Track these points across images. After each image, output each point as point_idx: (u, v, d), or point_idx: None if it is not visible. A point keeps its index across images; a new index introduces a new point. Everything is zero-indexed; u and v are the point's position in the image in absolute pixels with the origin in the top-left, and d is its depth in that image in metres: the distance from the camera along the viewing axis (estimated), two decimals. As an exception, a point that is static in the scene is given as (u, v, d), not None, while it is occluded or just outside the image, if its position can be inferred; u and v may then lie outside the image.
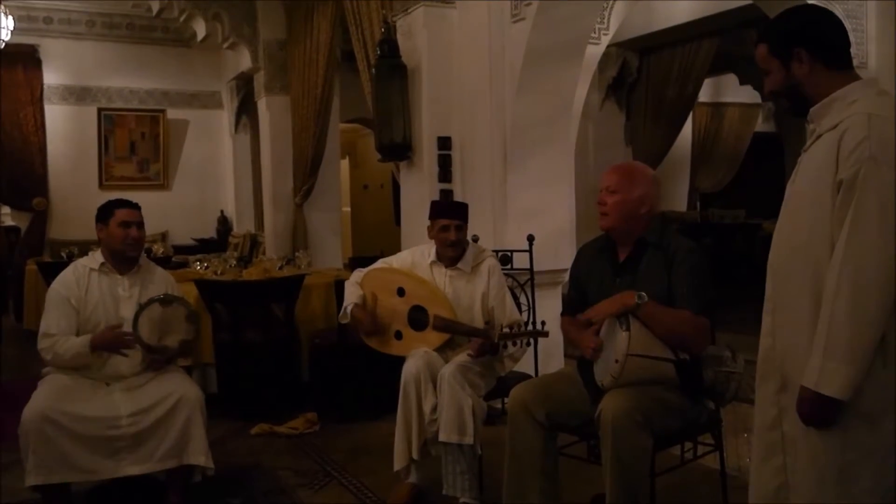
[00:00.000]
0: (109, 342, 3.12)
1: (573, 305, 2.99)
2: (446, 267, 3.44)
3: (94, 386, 3.16)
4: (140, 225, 3.32)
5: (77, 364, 3.14)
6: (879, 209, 1.68)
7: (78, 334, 3.16)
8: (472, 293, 3.38)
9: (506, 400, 3.18)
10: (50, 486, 2.98)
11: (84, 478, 3.05)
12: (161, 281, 3.43)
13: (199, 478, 3.27)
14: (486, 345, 3.15)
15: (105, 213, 3.31)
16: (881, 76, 6.04)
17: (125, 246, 3.27)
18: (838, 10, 5.95)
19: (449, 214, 3.43)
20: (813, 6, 2.08)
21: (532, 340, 3.34)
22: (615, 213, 2.74)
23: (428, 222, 3.49)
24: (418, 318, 3.37)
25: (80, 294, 3.21)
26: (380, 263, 3.62)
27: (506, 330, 3.10)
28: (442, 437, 3.05)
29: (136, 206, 3.35)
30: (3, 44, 7.99)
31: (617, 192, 2.74)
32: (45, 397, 3.02)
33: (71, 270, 3.31)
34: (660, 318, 2.58)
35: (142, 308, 3.15)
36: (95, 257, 3.33)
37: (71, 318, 3.18)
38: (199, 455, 3.14)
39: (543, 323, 3.12)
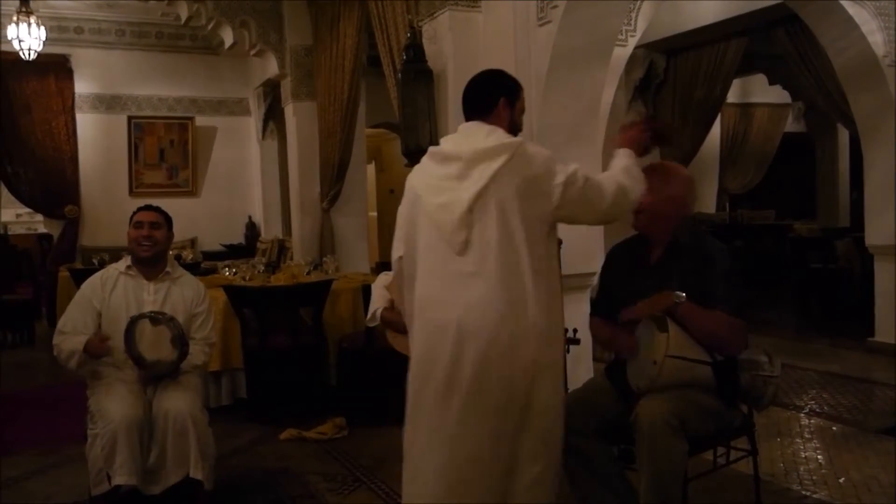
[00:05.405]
0: (92, 349, 3.11)
1: (602, 306, 2.96)
2: None
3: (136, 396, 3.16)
4: (154, 225, 3.31)
5: (73, 363, 3.12)
6: None
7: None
8: None
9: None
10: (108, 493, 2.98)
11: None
12: (190, 290, 3.41)
13: (210, 486, 3.22)
14: None
15: (131, 218, 3.38)
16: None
17: (135, 245, 3.29)
18: (869, 9, 5.88)
19: None
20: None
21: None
22: (648, 213, 2.71)
23: None
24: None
25: (104, 296, 3.26)
26: None
27: None
28: None
29: (154, 209, 3.38)
30: (37, 54, 8.13)
31: (650, 193, 2.69)
32: (124, 404, 3.03)
33: (100, 273, 3.38)
34: (696, 318, 2.55)
35: (133, 321, 3.11)
36: (125, 261, 3.38)
37: (88, 319, 3.21)
38: (195, 467, 3.10)
39: (576, 331, 3.07)
